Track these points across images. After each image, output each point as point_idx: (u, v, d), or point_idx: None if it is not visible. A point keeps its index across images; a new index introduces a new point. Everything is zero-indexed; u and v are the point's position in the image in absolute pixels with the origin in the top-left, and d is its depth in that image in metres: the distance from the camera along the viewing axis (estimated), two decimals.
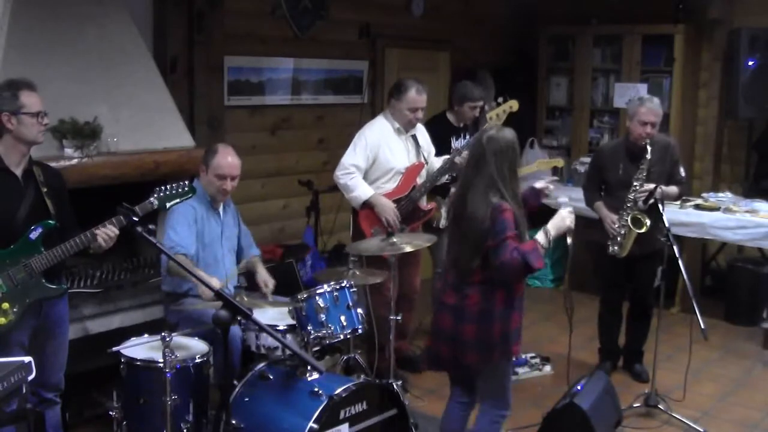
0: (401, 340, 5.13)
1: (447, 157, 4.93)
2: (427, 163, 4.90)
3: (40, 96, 3.37)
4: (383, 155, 4.74)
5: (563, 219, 3.32)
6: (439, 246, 5.15)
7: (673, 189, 4.78)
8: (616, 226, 4.72)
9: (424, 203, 4.90)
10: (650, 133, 4.64)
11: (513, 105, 5.06)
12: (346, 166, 4.70)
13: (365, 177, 4.72)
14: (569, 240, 3.45)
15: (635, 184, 4.63)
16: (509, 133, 3.40)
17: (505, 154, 3.33)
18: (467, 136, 5.39)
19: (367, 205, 4.67)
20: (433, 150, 5.05)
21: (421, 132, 4.97)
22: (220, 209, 4.17)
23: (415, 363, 5.08)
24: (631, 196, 4.64)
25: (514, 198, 3.32)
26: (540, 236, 3.27)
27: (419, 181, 4.82)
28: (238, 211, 4.39)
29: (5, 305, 3.26)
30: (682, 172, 4.91)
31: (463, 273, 3.38)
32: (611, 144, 5.22)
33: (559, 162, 5.28)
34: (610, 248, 4.76)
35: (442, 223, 5.20)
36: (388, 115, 4.86)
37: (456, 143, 5.33)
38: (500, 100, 5.06)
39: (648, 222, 4.58)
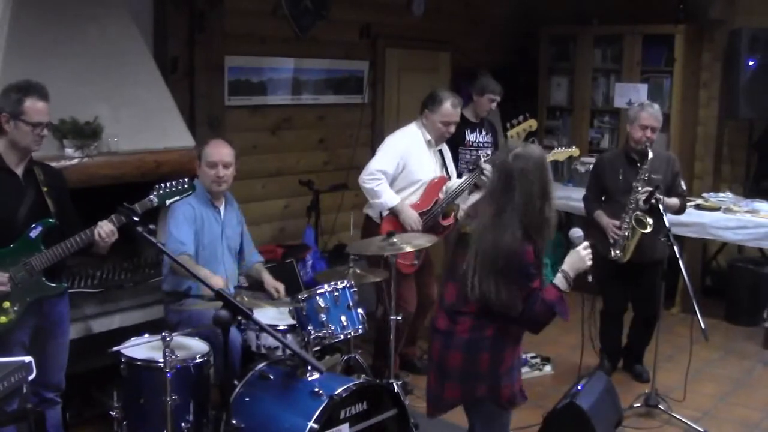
0: (410, 346, 5.13)
1: (468, 176, 4.89)
2: (450, 177, 4.88)
3: (48, 106, 3.34)
4: (412, 166, 4.69)
5: (582, 259, 3.06)
6: None
7: (674, 200, 4.77)
8: (620, 230, 4.71)
9: (442, 218, 4.86)
10: (650, 137, 4.66)
11: (532, 124, 5.10)
12: (373, 171, 4.62)
13: (390, 185, 4.66)
14: (590, 278, 3.18)
15: (637, 186, 4.64)
16: (537, 150, 3.12)
17: (534, 174, 3.01)
18: (483, 132, 5.39)
19: (391, 212, 4.64)
20: (453, 168, 5.03)
21: (445, 147, 4.94)
22: (221, 207, 4.17)
23: (418, 369, 5.07)
24: (633, 198, 4.65)
25: (541, 226, 3.03)
26: (560, 281, 3.02)
27: (441, 196, 4.79)
28: (243, 214, 4.38)
29: (6, 304, 3.26)
30: (683, 185, 4.91)
31: (462, 300, 3.09)
32: (611, 152, 5.27)
33: (575, 151, 5.25)
34: (612, 253, 4.74)
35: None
36: (420, 125, 4.78)
37: (470, 136, 5.33)
38: (521, 118, 5.08)
39: (650, 221, 4.57)
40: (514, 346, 3.15)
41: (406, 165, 4.68)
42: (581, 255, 3.06)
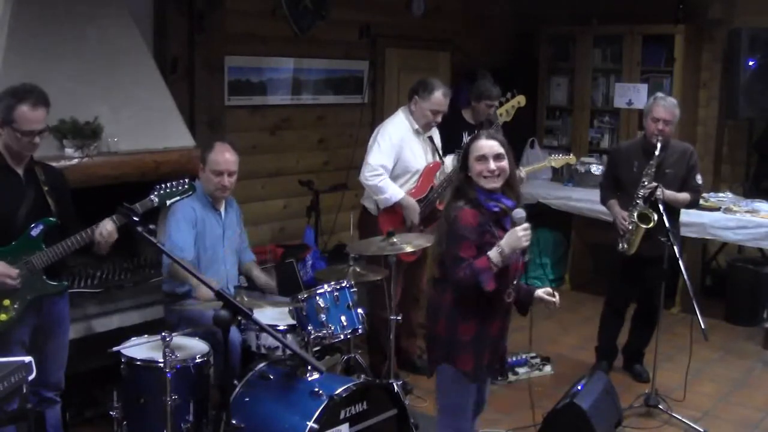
0: (411, 339, 5.13)
1: (455, 158, 4.91)
2: (443, 163, 4.88)
3: (46, 111, 3.30)
4: (405, 155, 4.70)
5: (518, 239, 3.07)
6: None
7: (684, 195, 4.72)
8: (626, 222, 4.71)
9: (438, 203, 4.86)
10: (662, 130, 4.62)
11: (521, 100, 5.07)
12: (375, 167, 4.62)
13: None
14: (526, 257, 3.26)
15: (643, 180, 4.63)
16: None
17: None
18: None
19: (394, 205, 4.64)
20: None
21: (435, 133, 4.93)
22: (222, 210, 4.16)
23: (417, 367, 5.07)
24: (640, 193, 4.64)
25: (463, 186, 3.23)
26: (493, 254, 3.07)
27: (436, 181, 4.80)
28: (241, 213, 4.38)
29: (6, 302, 3.27)
30: (699, 179, 4.83)
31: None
32: (628, 142, 5.24)
33: (572, 159, 5.24)
34: (620, 245, 4.76)
35: None
36: (408, 113, 4.78)
37: (467, 139, 5.32)
38: (508, 95, 5.06)
39: (655, 217, 4.55)
40: (477, 319, 3.20)
41: (399, 155, 4.69)
42: (518, 234, 3.08)
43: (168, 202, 3.49)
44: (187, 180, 3.55)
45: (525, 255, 3.24)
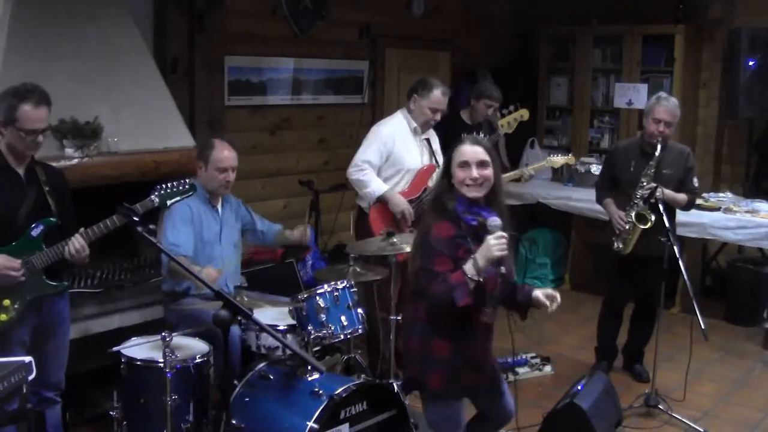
0: None
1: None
2: (439, 166, 4.88)
3: (48, 110, 3.31)
4: (398, 152, 4.70)
5: (490, 249, 2.91)
6: None
7: (681, 196, 4.71)
8: (623, 222, 4.71)
9: None
10: (663, 131, 4.61)
11: (524, 114, 5.10)
12: (358, 163, 4.66)
13: (378, 175, 4.68)
14: (502, 269, 3.06)
15: (642, 180, 4.63)
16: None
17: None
18: (479, 135, 5.40)
19: (380, 201, 4.65)
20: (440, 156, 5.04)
21: (433, 136, 4.94)
22: (219, 206, 4.17)
23: None
24: (638, 193, 4.64)
25: (440, 199, 3.09)
26: (468, 267, 2.94)
27: (430, 184, 4.80)
28: (244, 203, 4.38)
29: (6, 302, 3.27)
30: (696, 182, 4.83)
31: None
32: (626, 142, 5.23)
33: (572, 159, 5.25)
34: (615, 244, 4.76)
35: None
36: (406, 113, 4.80)
37: None
38: (511, 108, 5.07)
39: (653, 218, 4.55)
40: (452, 336, 3.08)
41: (391, 153, 4.69)
42: (490, 244, 2.92)
43: (169, 203, 3.49)
44: (188, 180, 3.55)
45: (501, 266, 3.05)
